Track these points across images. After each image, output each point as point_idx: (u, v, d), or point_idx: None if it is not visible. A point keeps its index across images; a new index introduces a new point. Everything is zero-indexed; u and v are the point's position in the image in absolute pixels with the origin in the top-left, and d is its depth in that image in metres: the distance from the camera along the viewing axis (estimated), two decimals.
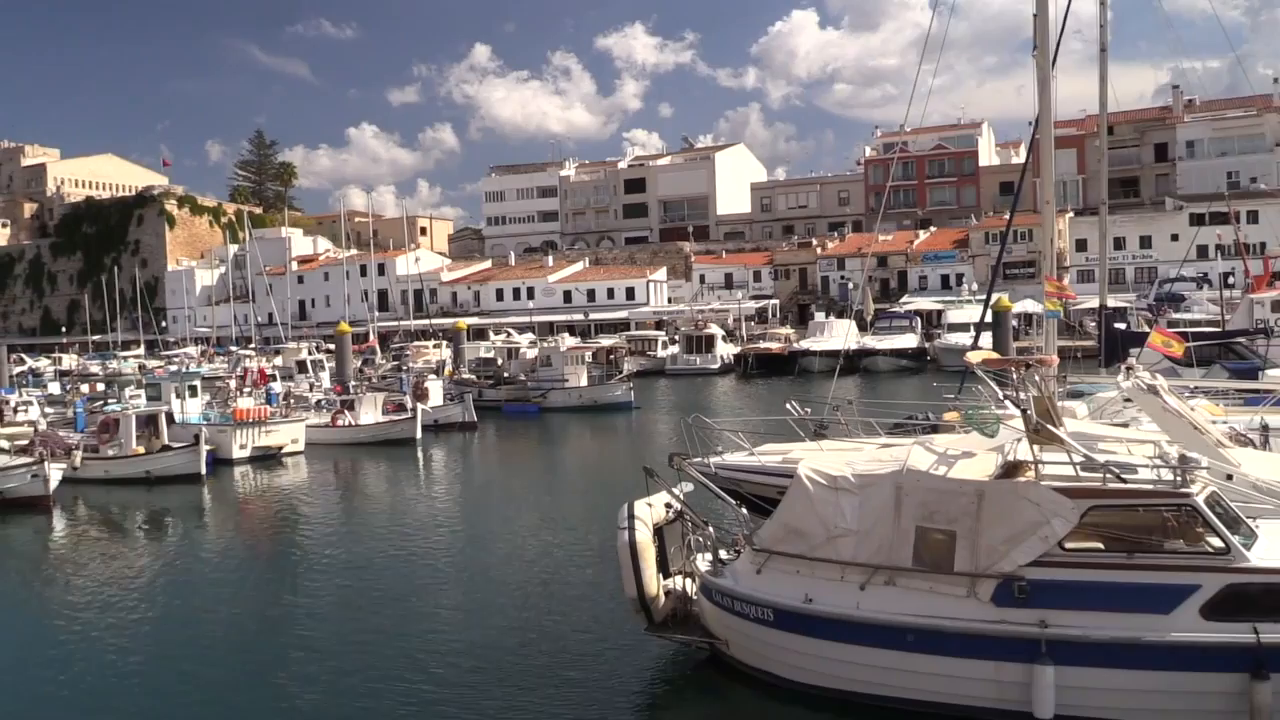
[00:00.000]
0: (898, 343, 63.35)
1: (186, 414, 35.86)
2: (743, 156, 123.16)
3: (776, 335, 69.89)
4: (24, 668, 14.68)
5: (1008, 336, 48.55)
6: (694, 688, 12.66)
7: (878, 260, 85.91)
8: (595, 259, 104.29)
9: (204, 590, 18.94)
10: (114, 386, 45.28)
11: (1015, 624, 10.24)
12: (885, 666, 10.82)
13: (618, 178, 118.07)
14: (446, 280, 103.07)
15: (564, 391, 48.82)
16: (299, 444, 35.79)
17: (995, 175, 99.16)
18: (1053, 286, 16.88)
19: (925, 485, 11.09)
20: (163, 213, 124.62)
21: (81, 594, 18.85)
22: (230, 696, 13.11)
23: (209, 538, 24.69)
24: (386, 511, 26.68)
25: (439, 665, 13.66)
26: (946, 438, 13.67)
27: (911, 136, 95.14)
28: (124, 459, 31.21)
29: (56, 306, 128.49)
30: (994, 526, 10.50)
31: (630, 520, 12.51)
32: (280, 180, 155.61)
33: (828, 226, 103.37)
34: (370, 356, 63.76)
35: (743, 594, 11.81)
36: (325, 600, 17.50)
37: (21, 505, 26.60)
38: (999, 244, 73.56)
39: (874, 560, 11.11)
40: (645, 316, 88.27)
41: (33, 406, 41.03)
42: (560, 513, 24.43)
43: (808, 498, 11.74)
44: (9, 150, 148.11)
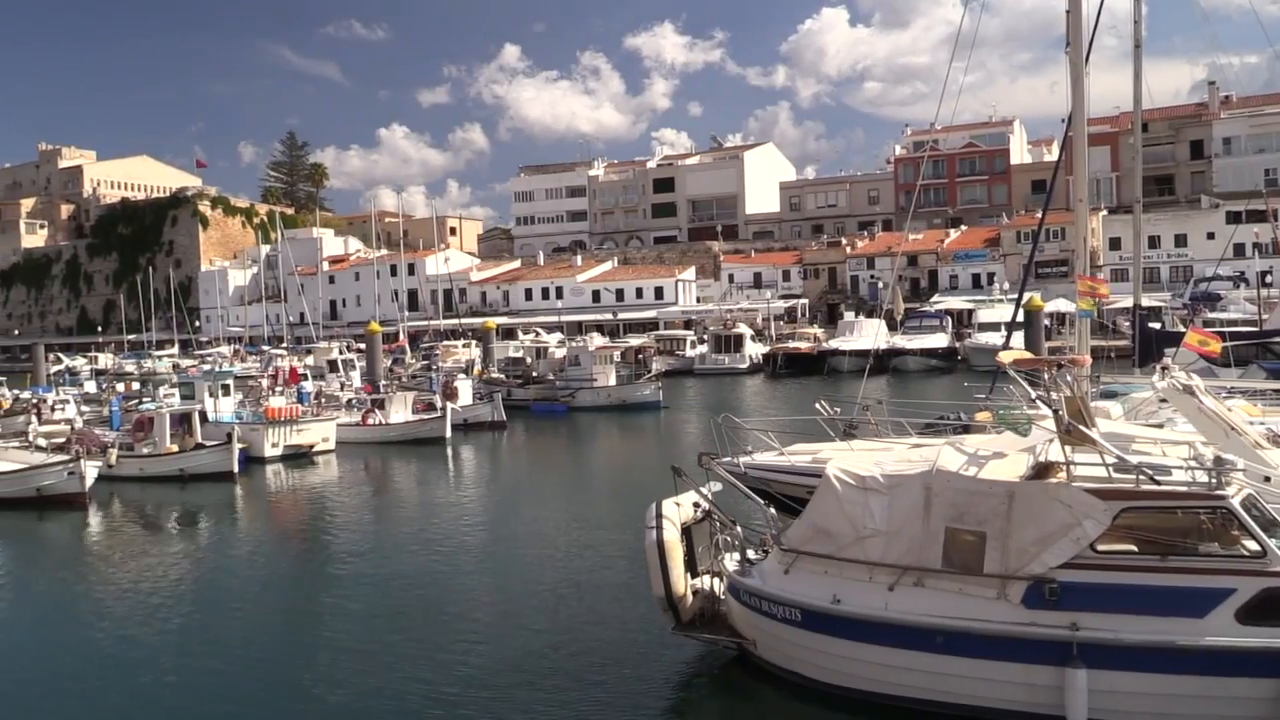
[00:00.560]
0: (928, 342, 62.90)
1: (219, 413, 36.24)
2: (772, 155, 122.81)
3: (805, 335, 69.63)
4: (59, 661, 14.88)
5: (1040, 336, 48.09)
6: (721, 687, 12.63)
7: (908, 259, 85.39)
8: (624, 259, 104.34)
9: (235, 587, 19.12)
10: (149, 385, 45.88)
11: (1046, 626, 10.13)
12: (914, 668, 10.74)
13: (646, 177, 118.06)
14: (476, 280, 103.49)
15: (592, 391, 48.86)
16: (330, 443, 36.05)
17: (1027, 173, 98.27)
18: (1086, 285, 16.70)
19: (955, 486, 11.00)
20: (196, 213, 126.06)
21: (116, 589, 19.09)
22: (261, 694, 13.22)
23: (241, 535, 24.93)
24: (416, 510, 26.83)
25: (467, 664, 13.71)
26: (977, 438, 13.56)
27: (942, 134, 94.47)
28: (158, 457, 31.57)
29: (93, 306, 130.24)
30: (1025, 528, 10.40)
31: (658, 519, 12.50)
32: (312, 181, 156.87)
33: (857, 225, 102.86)
34: (400, 356, 64.11)
35: (770, 594, 11.77)
36: (355, 598, 17.60)
37: (58, 502, 26.96)
38: (1031, 243, 72.95)
39: (903, 561, 11.03)
40: (674, 316, 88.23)
41: (69, 405, 41.64)
42: (588, 512, 24.47)
43: (836, 498, 11.68)
44: (47, 152, 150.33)
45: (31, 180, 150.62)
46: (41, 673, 14.47)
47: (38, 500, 27.09)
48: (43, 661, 15.01)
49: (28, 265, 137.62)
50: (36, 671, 14.53)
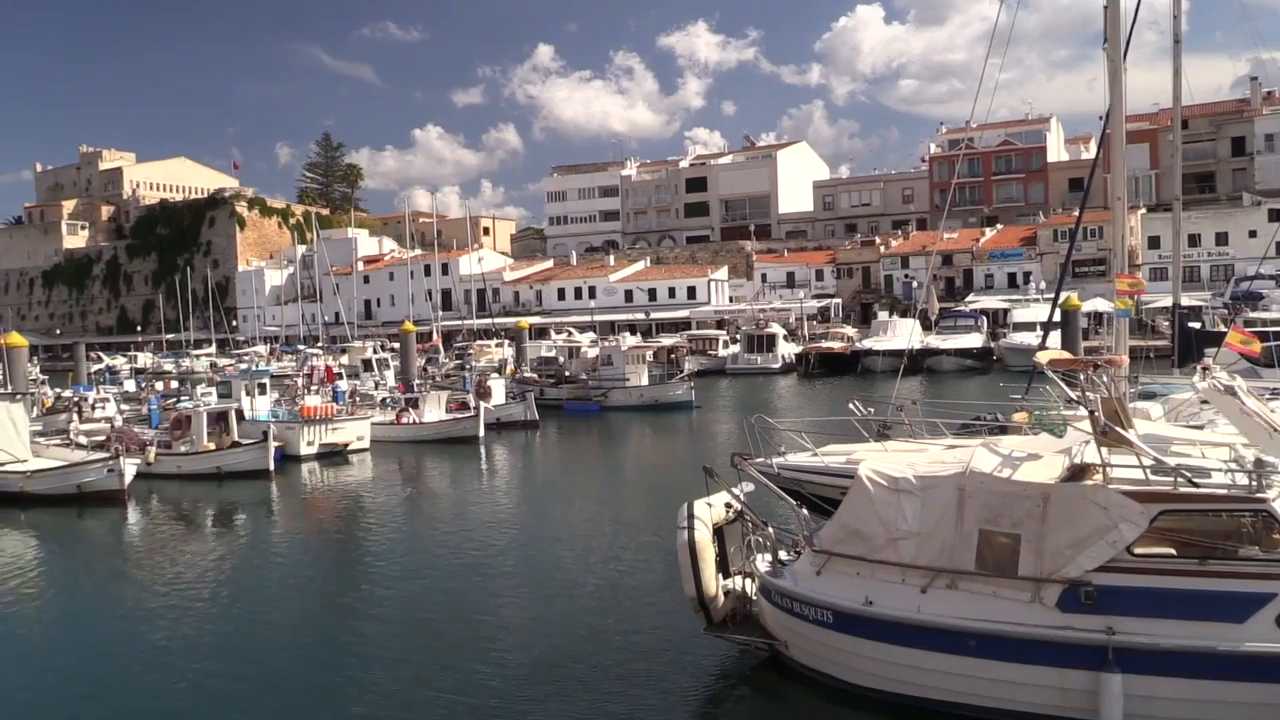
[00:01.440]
0: (962, 342, 62.39)
1: (256, 411, 36.58)
2: (805, 154, 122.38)
3: (839, 334, 69.28)
4: (98, 655, 15.11)
5: (1077, 336, 47.57)
6: (752, 688, 12.60)
7: (942, 258, 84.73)
8: (656, 258, 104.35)
9: (270, 585, 19.32)
10: (187, 384, 46.40)
11: (1081, 630, 10.01)
12: (946, 671, 10.65)
13: (679, 177, 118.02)
14: (509, 280, 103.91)
15: (625, 390, 48.89)
16: (364, 441, 36.32)
17: (1064, 171, 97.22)
18: (1124, 284, 16.48)
19: (988, 487, 10.89)
20: (233, 214, 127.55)
21: (153, 585, 19.32)
22: (295, 690, 13.35)
23: (276, 533, 25.17)
24: (450, 509, 26.98)
25: (499, 662, 13.77)
26: (1012, 439, 13.43)
27: (977, 132, 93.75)
28: (195, 455, 31.93)
29: (132, 306, 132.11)
30: (1060, 530, 10.28)
31: (690, 520, 12.49)
32: (347, 182, 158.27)
33: (891, 224, 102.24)
34: (434, 355, 64.52)
35: (802, 595, 11.72)
36: (388, 597, 17.72)
37: (98, 499, 27.35)
38: (1068, 241, 72.20)
39: (935, 563, 10.94)
40: (706, 316, 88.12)
41: (109, 403, 42.26)
42: (620, 512, 24.49)
43: (868, 499, 11.61)
44: (88, 155, 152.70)
45: (73, 182, 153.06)
46: (81, 666, 14.67)
47: (78, 497, 27.50)
48: (82, 655, 15.23)
49: (69, 266, 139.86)
50: (76, 665, 14.74)
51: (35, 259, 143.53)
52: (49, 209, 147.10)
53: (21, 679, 14.27)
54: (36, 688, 13.87)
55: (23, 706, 13.24)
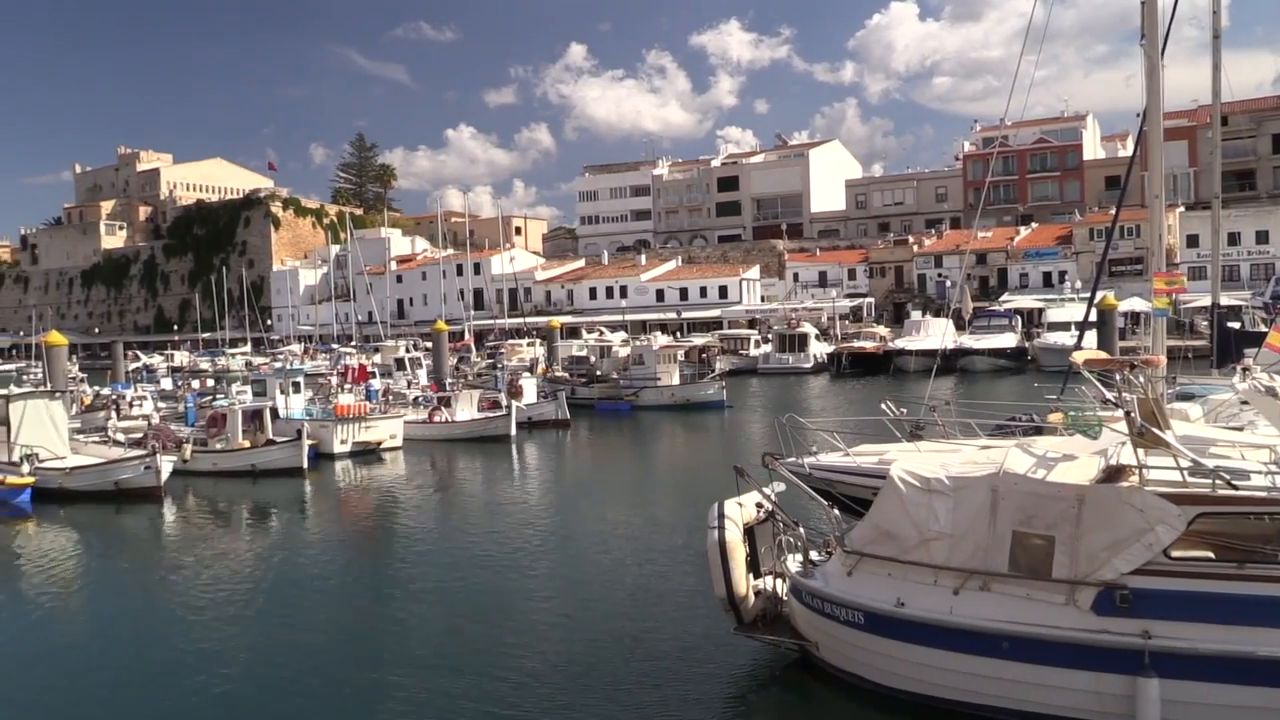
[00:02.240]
0: (996, 342, 61.87)
1: (290, 409, 36.88)
2: (837, 153, 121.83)
3: (871, 334, 68.91)
4: (135, 648, 15.30)
5: (1113, 336, 47.07)
6: (783, 689, 12.54)
7: (976, 257, 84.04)
8: (688, 257, 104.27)
9: (304, 582, 19.46)
10: (222, 382, 46.84)
11: (1117, 634, 9.87)
12: (979, 674, 10.55)
13: (711, 176, 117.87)
14: (540, 279, 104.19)
15: (656, 390, 48.87)
16: (397, 440, 36.54)
17: (1100, 169, 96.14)
18: (1161, 283, 16.26)
19: (1022, 489, 10.77)
20: (268, 215, 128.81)
21: (189, 581, 19.54)
22: (328, 687, 13.43)
23: (310, 530, 25.38)
24: (481, 507, 27.09)
25: (529, 660, 13.79)
26: (1046, 440, 13.27)
27: (1012, 130, 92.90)
28: (230, 452, 32.25)
29: (169, 305, 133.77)
30: (1095, 532, 10.14)
31: (720, 519, 12.45)
32: (380, 182, 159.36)
33: (925, 223, 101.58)
34: (466, 354, 64.79)
35: (833, 596, 11.66)
36: (420, 595, 17.81)
37: (136, 495, 27.68)
38: (1104, 240, 71.36)
39: (968, 565, 10.83)
40: (738, 315, 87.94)
41: (147, 401, 42.73)
42: (651, 511, 24.48)
43: (900, 499, 11.52)
44: (125, 156, 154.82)
45: (111, 183, 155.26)
46: (118, 660, 14.86)
47: (116, 493, 27.86)
48: (119, 649, 15.42)
49: (107, 265, 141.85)
50: (114, 658, 14.93)
51: (74, 259, 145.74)
52: (88, 209, 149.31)
53: (60, 671, 14.48)
54: (75, 680, 14.06)
55: (62, 699, 13.43)
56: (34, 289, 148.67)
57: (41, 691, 13.75)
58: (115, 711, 13.02)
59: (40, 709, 13.18)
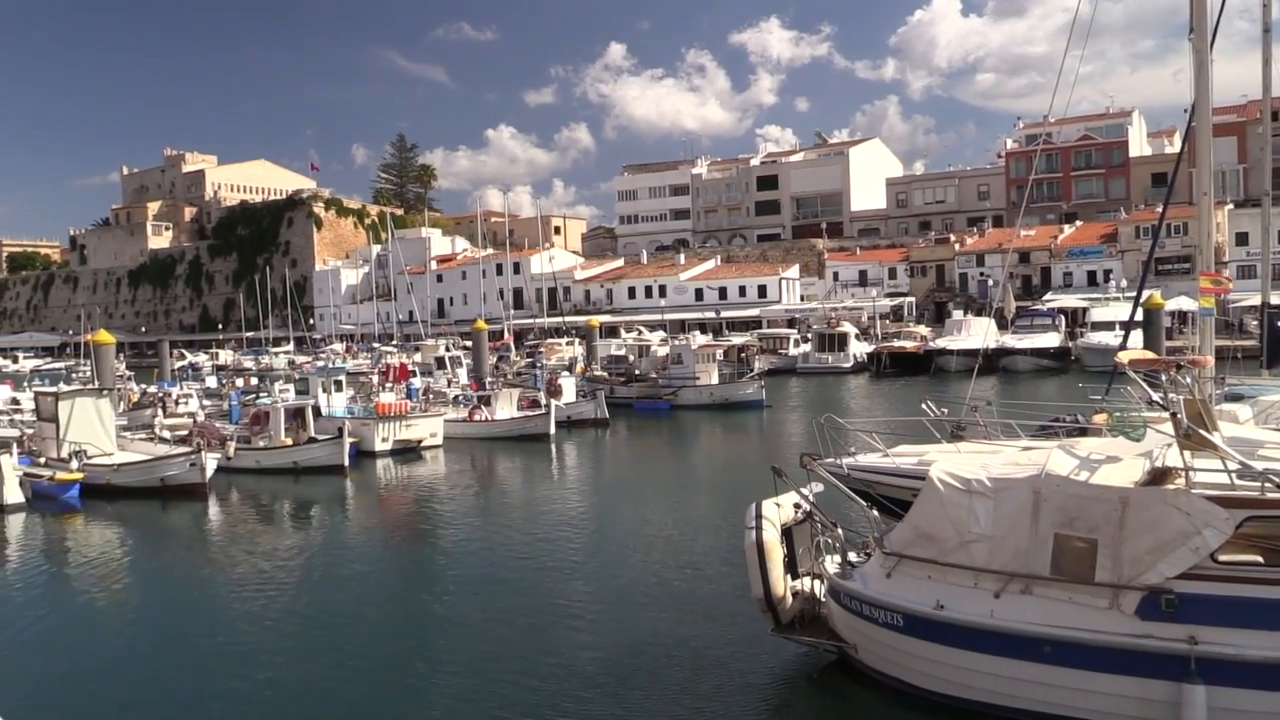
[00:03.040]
0: (1039, 342, 61.09)
1: (332, 408, 37.24)
2: (878, 151, 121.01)
3: (912, 334, 68.36)
4: (179, 641, 15.52)
5: (1159, 335, 46.33)
6: (821, 691, 12.46)
7: (1019, 256, 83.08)
8: (727, 257, 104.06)
9: (345, 578, 19.63)
10: (265, 381, 47.38)
11: (1162, 639, 9.70)
12: (1020, 678, 10.41)
13: (750, 175, 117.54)
14: (580, 279, 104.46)
15: (695, 389, 48.78)
16: (437, 438, 36.75)
17: (1147, 166, 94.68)
18: (1208, 282, 15.97)
19: (1065, 490, 10.62)
20: (311, 215, 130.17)
21: (233, 576, 19.79)
22: (367, 683, 13.54)
23: (351, 527, 25.61)
24: (520, 506, 27.19)
25: (567, 660, 13.82)
26: (1090, 441, 13.09)
27: (1056, 127, 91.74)
28: (273, 450, 32.61)
29: (214, 305, 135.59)
30: (1139, 536, 9.97)
31: (758, 520, 12.39)
32: (420, 182, 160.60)
33: (966, 222, 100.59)
34: (505, 353, 65.08)
35: (872, 598, 11.57)
36: (459, 591, 17.92)
37: (181, 492, 28.06)
38: (1151, 238, 70.28)
39: (1009, 567, 10.70)
40: (777, 314, 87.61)
41: (192, 399, 43.28)
42: (689, 511, 24.44)
43: (940, 501, 11.40)
44: (172, 157, 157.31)
45: (157, 184, 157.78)
46: (162, 653, 15.08)
47: (162, 490, 28.27)
48: (164, 642, 15.65)
49: (154, 266, 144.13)
50: (158, 651, 15.16)
51: (122, 259, 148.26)
52: (135, 210, 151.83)
53: (108, 662, 14.73)
54: (122, 671, 14.31)
55: (110, 688, 13.66)
56: (83, 289, 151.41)
57: (91, 680, 14.01)
58: (162, 701, 13.20)
59: (90, 697, 13.41)
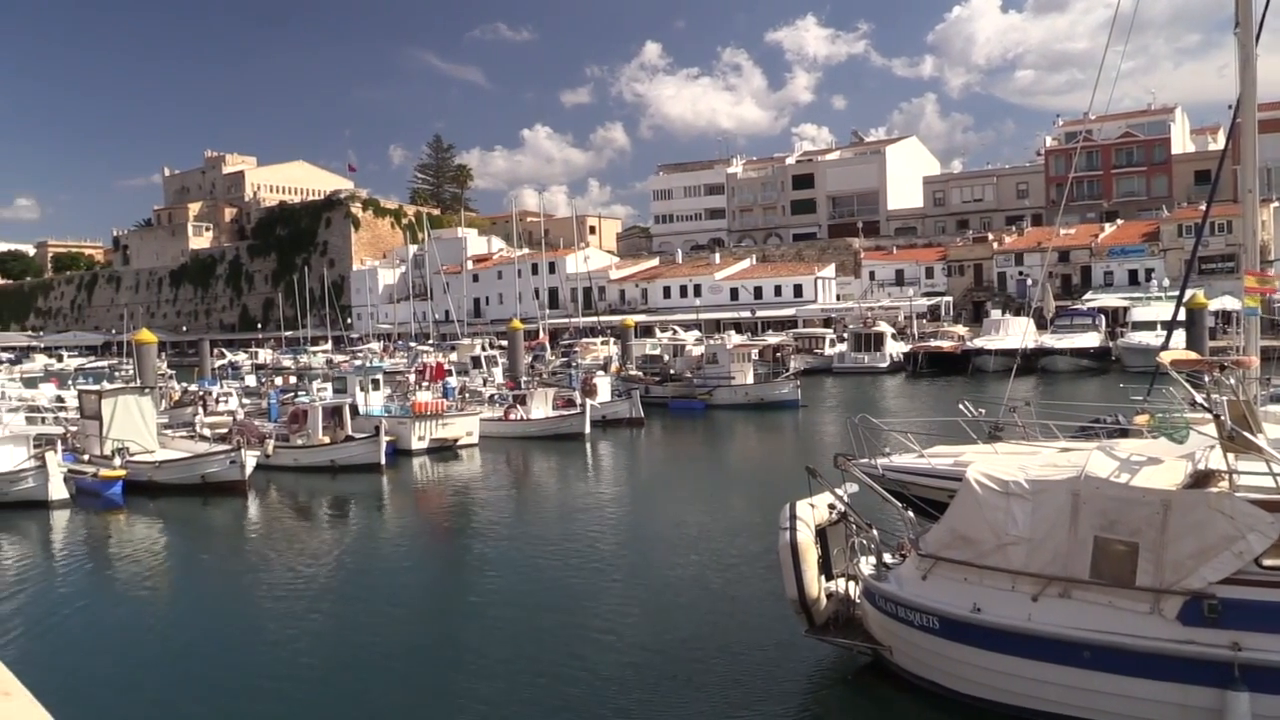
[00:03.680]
0: (1079, 342, 60.33)
1: (369, 406, 37.52)
2: (915, 149, 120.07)
3: (949, 333, 67.71)
4: (219, 636, 15.72)
5: (1203, 335, 45.53)
6: (855, 693, 12.38)
7: (1059, 255, 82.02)
8: (762, 256, 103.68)
9: (381, 575, 19.79)
10: (304, 379, 47.79)
11: (1205, 645, 9.54)
12: (1058, 683, 10.28)
13: (785, 174, 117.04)
14: (615, 278, 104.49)
15: (730, 389, 48.65)
16: (473, 437, 36.91)
17: (1189, 163, 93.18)
18: (1253, 281, 15.69)
19: (1105, 493, 10.46)
20: (348, 215, 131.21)
21: (272, 572, 20.02)
22: (403, 681, 13.63)
23: (387, 525, 25.81)
24: (555, 505, 27.27)
25: (601, 659, 13.83)
26: (1131, 443, 12.90)
27: (1097, 124, 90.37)
28: (311, 448, 32.91)
29: (253, 304, 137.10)
30: (1182, 540, 9.81)
31: (792, 520, 12.33)
32: (457, 182, 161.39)
33: (1005, 220, 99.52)
34: (541, 353, 65.22)
35: (907, 600, 11.47)
36: (494, 591, 17.99)
37: (221, 489, 28.41)
38: (1194, 237, 69.15)
39: (1047, 570, 10.57)
40: (813, 314, 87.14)
41: (232, 398, 43.78)
42: (723, 511, 24.39)
43: (977, 502, 11.29)
44: (212, 159, 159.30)
45: (198, 185, 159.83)
46: (201, 647, 15.26)
47: (203, 486, 28.64)
48: (203, 636, 15.84)
49: (194, 265, 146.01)
50: (197, 645, 15.34)
51: (163, 259, 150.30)
52: (176, 211, 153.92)
53: (147, 658, 14.93)
54: (163, 664, 14.51)
55: (149, 685, 13.84)
56: (125, 288, 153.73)
57: (133, 673, 14.23)
58: (201, 694, 13.36)
59: (132, 691, 13.60)
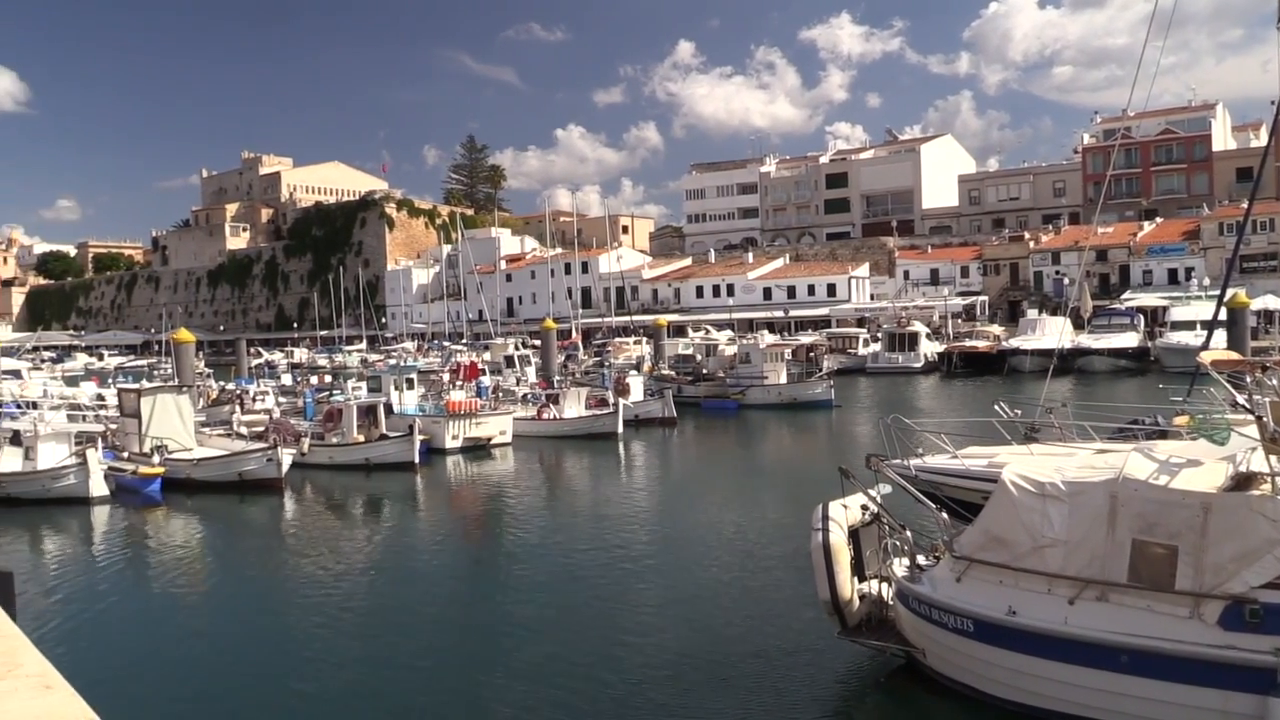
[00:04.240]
0: (1117, 342, 59.58)
1: (404, 405, 37.74)
2: (950, 148, 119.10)
3: (984, 333, 67.11)
4: (254, 632, 15.91)
5: (1244, 335, 44.83)
6: (888, 696, 12.31)
7: (1096, 254, 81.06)
8: (795, 255, 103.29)
9: (415, 573, 19.93)
10: (339, 378, 48.18)
11: (1247, 651, 9.38)
12: (1095, 688, 10.16)
13: (819, 172, 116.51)
14: (647, 278, 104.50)
15: (763, 389, 48.50)
16: (506, 436, 37.03)
17: (1231, 160, 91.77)
18: None
19: (1144, 495, 10.32)
20: (383, 216, 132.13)
21: (307, 569, 20.21)
22: (436, 678, 13.71)
23: (421, 523, 25.97)
24: (588, 504, 27.32)
25: (631, 659, 13.83)
26: (1169, 445, 12.71)
27: (1135, 121, 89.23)
28: (346, 446, 33.15)
29: (289, 304, 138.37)
30: (1222, 543, 9.66)
31: (825, 521, 12.27)
32: (490, 182, 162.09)
33: (1041, 219, 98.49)
34: (573, 352, 65.34)
35: (941, 602, 11.38)
36: (525, 590, 18.04)
37: (258, 486, 28.72)
38: (1235, 235, 68.14)
39: (1084, 573, 10.44)
40: (846, 313, 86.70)
41: (268, 396, 44.23)
42: (756, 511, 24.32)
43: (1012, 504, 11.17)
44: (249, 160, 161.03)
45: (235, 186, 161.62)
46: (238, 642, 15.45)
47: (239, 484, 28.96)
48: (240, 631, 16.04)
49: (231, 266, 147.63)
50: (233, 640, 15.53)
51: (201, 259, 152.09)
52: (213, 212, 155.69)
53: (186, 652, 15.12)
54: (198, 661, 14.68)
55: (186, 679, 14.01)
56: (164, 288, 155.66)
57: (171, 668, 14.41)
58: (237, 689, 13.51)
59: (171, 685, 13.78)
